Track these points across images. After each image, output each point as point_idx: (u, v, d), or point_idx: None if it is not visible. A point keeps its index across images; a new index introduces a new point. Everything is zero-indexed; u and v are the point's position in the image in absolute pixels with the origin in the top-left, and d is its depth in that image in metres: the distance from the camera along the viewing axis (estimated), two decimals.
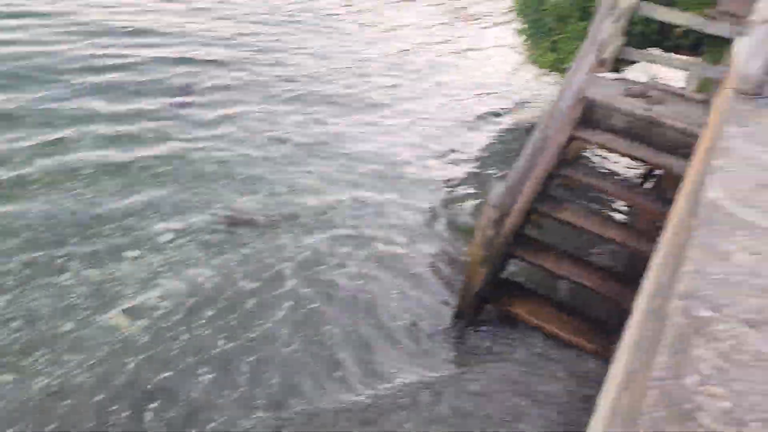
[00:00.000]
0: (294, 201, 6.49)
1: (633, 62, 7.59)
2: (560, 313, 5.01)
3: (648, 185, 7.18)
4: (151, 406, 4.13)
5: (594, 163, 8.39)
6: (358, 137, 8.00)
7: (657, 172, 6.82)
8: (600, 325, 5.04)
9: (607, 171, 8.12)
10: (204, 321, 4.83)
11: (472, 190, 7.24)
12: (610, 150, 5.63)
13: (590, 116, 5.66)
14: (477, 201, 6.92)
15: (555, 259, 5.22)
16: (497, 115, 9.53)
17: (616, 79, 6.16)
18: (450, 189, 7.30)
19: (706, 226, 2.17)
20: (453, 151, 8.15)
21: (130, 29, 9.56)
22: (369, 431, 4.07)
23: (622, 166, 8.33)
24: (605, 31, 5.34)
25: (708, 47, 6.93)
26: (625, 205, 7.06)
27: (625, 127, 5.54)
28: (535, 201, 5.30)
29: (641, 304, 2.51)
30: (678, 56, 7.09)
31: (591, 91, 5.66)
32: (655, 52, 7.63)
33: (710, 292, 1.82)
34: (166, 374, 4.34)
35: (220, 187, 6.45)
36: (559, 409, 4.16)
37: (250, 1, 12.08)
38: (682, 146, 5.06)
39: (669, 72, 7.89)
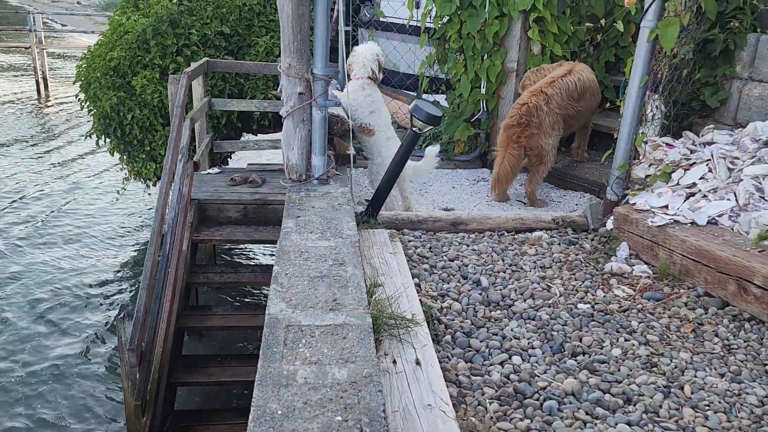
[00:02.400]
0: None
1: (231, 152, 7.89)
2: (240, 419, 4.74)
3: None
4: None
5: (233, 257, 8.42)
6: None
7: None
8: None
9: (243, 262, 8.23)
10: None
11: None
12: (235, 241, 5.65)
13: (205, 215, 5.61)
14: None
15: (218, 368, 4.96)
16: (125, 235, 8.93)
17: (218, 173, 6.26)
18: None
19: (267, 350, 2.14)
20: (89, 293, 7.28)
21: None
22: None
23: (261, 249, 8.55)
24: (187, 133, 5.35)
25: None
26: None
27: (240, 216, 5.63)
28: (179, 320, 4.98)
29: None
30: (265, 136, 7.60)
31: (197, 191, 5.62)
32: (248, 137, 8.08)
33: None
34: None
35: None
36: None
37: None
38: None
39: None
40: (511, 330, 3.03)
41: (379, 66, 4.69)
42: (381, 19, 6.74)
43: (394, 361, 2.38)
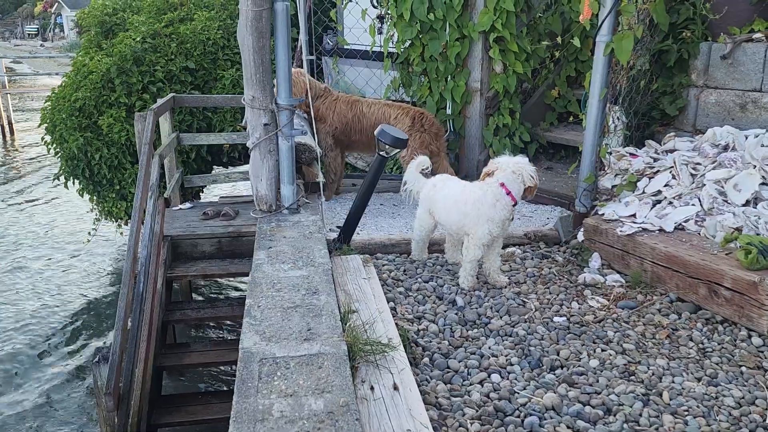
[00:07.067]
0: None
1: (202, 186, 7.84)
2: None
3: None
4: None
5: (210, 291, 8.33)
6: None
7: None
8: None
9: (220, 296, 8.14)
10: None
11: None
12: (210, 276, 5.58)
13: (179, 251, 5.54)
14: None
15: (199, 406, 4.86)
16: (98, 277, 8.77)
17: (190, 208, 6.21)
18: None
19: (241, 385, 2.11)
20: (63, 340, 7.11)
21: None
22: None
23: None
24: (156, 170, 5.31)
25: None
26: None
27: (214, 250, 5.58)
28: (156, 360, 4.89)
29: None
30: (236, 168, 7.58)
31: (169, 228, 5.56)
32: (219, 170, 8.06)
33: None
34: None
35: None
36: None
37: None
38: None
39: None
40: (489, 348, 3.03)
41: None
42: (344, 46, 6.80)
43: (372, 388, 2.36)
